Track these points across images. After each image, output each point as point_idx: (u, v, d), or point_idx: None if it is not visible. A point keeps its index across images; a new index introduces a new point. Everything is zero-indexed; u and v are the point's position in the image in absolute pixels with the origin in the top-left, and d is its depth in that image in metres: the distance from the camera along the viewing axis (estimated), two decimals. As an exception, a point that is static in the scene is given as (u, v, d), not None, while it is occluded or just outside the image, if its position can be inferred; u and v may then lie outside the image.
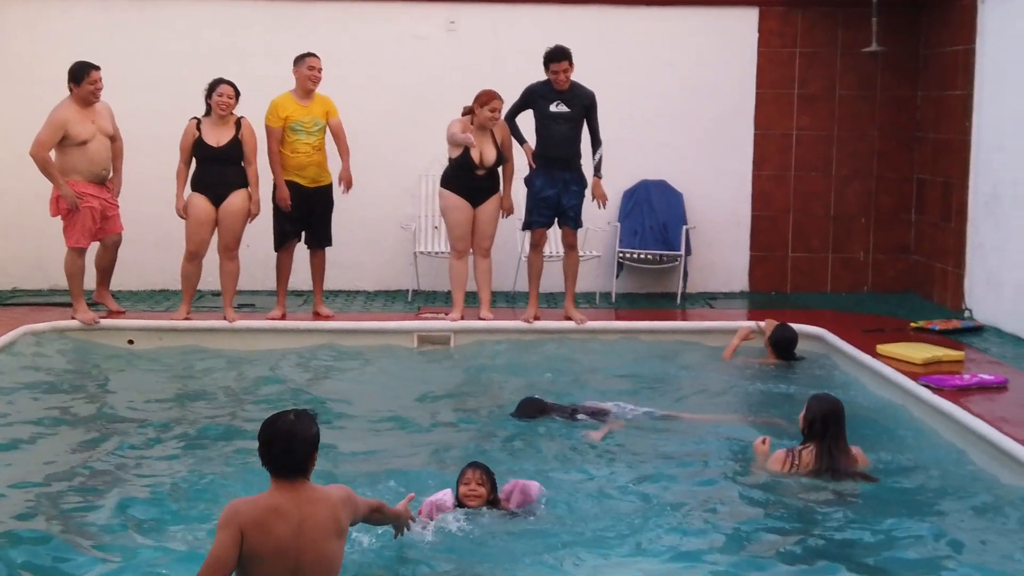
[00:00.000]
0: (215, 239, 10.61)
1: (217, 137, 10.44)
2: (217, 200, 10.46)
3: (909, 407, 8.51)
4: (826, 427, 6.84)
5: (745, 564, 5.84)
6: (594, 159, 10.56)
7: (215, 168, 10.44)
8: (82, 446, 7.74)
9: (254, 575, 4.73)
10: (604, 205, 10.71)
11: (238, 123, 10.50)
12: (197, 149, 10.44)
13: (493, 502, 6.31)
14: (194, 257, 10.63)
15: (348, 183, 10.79)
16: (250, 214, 10.54)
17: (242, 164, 10.53)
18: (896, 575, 5.73)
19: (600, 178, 10.61)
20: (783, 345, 9.80)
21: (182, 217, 10.55)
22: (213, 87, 10.43)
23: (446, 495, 6.27)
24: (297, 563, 4.74)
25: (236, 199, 10.46)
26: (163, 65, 12.26)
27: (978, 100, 11.29)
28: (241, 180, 10.51)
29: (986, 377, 8.66)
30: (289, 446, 4.76)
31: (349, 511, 4.99)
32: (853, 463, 6.91)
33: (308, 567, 4.76)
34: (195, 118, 10.51)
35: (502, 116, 10.55)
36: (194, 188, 10.51)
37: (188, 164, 10.51)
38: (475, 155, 10.54)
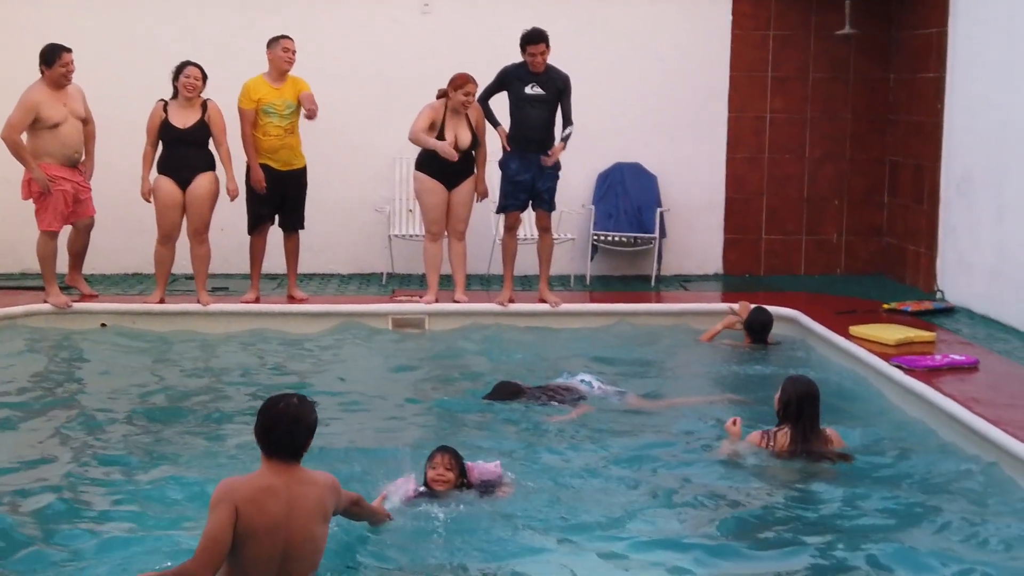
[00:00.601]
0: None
1: (183, 119, 10.39)
2: (183, 183, 10.41)
3: (881, 388, 8.57)
4: (801, 409, 6.87)
5: (719, 543, 5.87)
6: (563, 133, 10.51)
7: (181, 150, 10.39)
8: (53, 430, 7.71)
9: (247, 553, 4.77)
10: (550, 163, 10.52)
11: (204, 105, 10.45)
12: (163, 131, 10.39)
13: (461, 487, 6.30)
14: (166, 241, 10.59)
15: (311, 110, 10.41)
16: (229, 194, 10.48)
17: (209, 147, 10.49)
18: (870, 552, 5.76)
19: (563, 147, 10.53)
20: (757, 328, 9.84)
21: (147, 200, 10.50)
22: (180, 69, 10.38)
23: (408, 482, 6.26)
24: (287, 542, 4.81)
25: (202, 182, 10.41)
26: (135, 48, 12.19)
27: (950, 82, 11.34)
28: (207, 163, 10.46)
29: (957, 358, 8.72)
30: (292, 429, 4.87)
31: (334, 498, 5.08)
32: (827, 444, 6.95)
33: (297, 546, 4.83)
34: (162, 100, 10.46)
35: (476, 99, 10.55)
36: (160, 171, 10.45)
37: (155, 147, 10.45)
38: (449, 138, 10.52)
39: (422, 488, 6.27)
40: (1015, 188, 10.19)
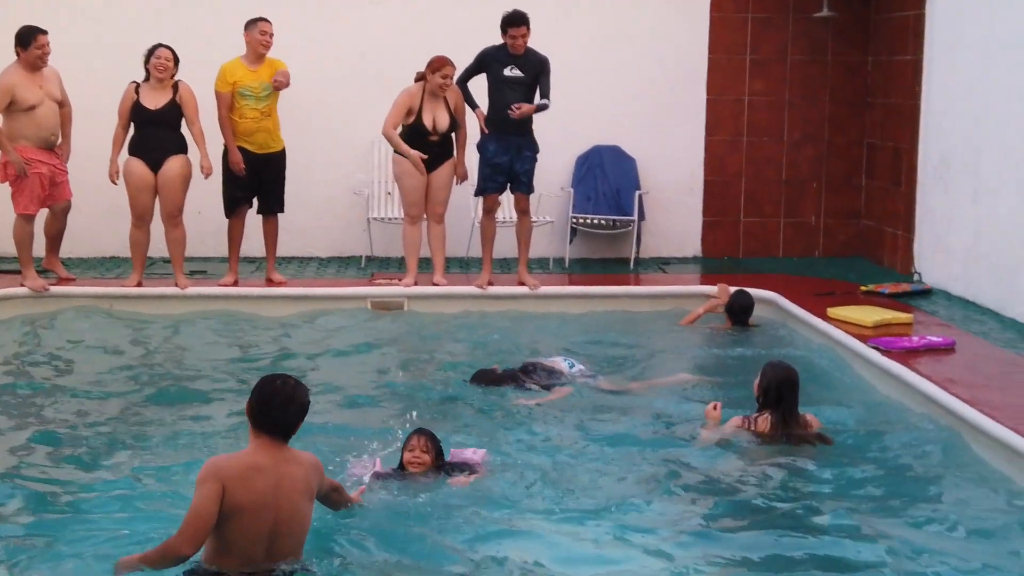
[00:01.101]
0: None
1: (155, 100, 10.35)
2: (155, 165, 10.35)
3: (859, 369, 8.61)
4: (781, 394, 6.88)
5: (699, 527, 5.87)
6: (538, 101, 10.42)
7: (152, 131, 10.34)
8: (30, 414, 7.69)
9: (234, 529, 4.81)
10: (517, 113, 10.34)
11: (176, 86, 10.41)
12: (135, 113, 10.34)
13: (438, 469, 6.30)
14: (140, 223, 10.54)
15: (281, 80, 10.35)
16: (203, 171, 10.42)
17: (181, 129, 10.44)
18: (850, 533, 5.80)
19: (533, 109, 10.35)
20: (739, 311, 9.86)
21: (113, 182, 10.46)
22: (151, 51, 10.35)
23: (373, 463, 6.26)
24: (275, 518, 4.86)
25: (173, 165, 10.36)
26: (112, 31, 12.13)
27: (928, 65, 11.37)
28: (179, 145, 10.42)
29: (934, 339, 8.76)
30: (285, 406, 4.94)
31: (318, 479, 5.15)
32: (807, 428, 6.96)
33: (285, 523, 4.89)
34: (134, 82, 10.42)
35: (454, 81, 10.53)
36: (131, 152, 10.41)
37: (126, 129, 10.41)
38: (427, 121, 10.51)
39: (397, 470, 6.27)
40: (992, 170, 10.23)
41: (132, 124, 10.39)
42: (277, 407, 4.93)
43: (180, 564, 4.85)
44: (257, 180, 10.66)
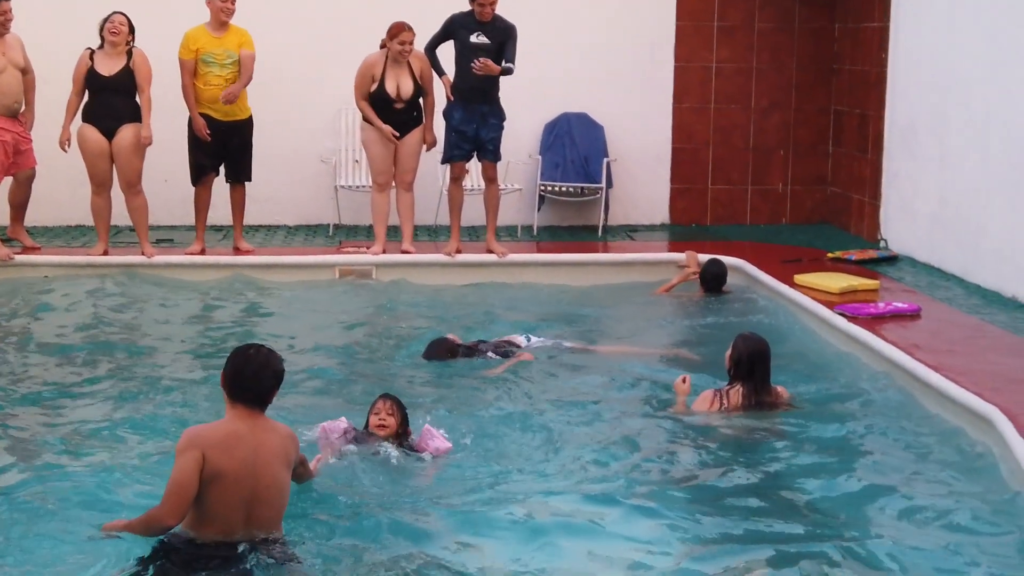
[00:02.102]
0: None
1: (109, 67, 10.27)
2: (108, 133, 10.28)
3: (825, 335, 8.66)
4: (752, 366, 6.88)
5: (669, 499, 5.83)
6: (504, 64, 10.37)
7: (105, 98, 10.27)
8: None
9: (215, 498, 4.80)
10: (479, 66, 10.25)
11: (130, 53, 10.32)
12: (89, 79, 10.27)
13: (402, 436, 6.28)
14: (100, 190, 10.47)
15: (228, 97, 10.39)
16: (142, 140, 10.31)
17: (134, 97, 10.36)
18: (819, 497, 5.86)
19: (497, 69, 10.28)
20: (711, 280, 9.89)
21: (64, 149, 10.38)
22: (107, 18, 10.29)
23: (340, 423, 6.25)
24: (254, 487, 4.85)
25: (126, 134, 10.28)
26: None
27: (894, 32, 11.40)
28: (133, 113, 10.34)
29: (900, 305, 8.82)
30: (259, 373, 4.94)
31: (295, 449, 5.14)
32: (778, 399, 6.98)
33: (263, 490, 4.88)
34: (89, 48, 10.35)
35: (420, 48, 10.48)
36: (85, 119, 10.34)
37: (80, 95, 10.34)
38: (390, 88, 10.47)
39: (363, 432, 6.27)
40: (957, 137, 10.28)
41: (86, 91, 10.31)
42: (251, 376, 4.93)
43: (164, 534, 4.85)
44: (223, 148, 10.60)
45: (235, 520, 4.86)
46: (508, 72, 10.36)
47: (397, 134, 10.48)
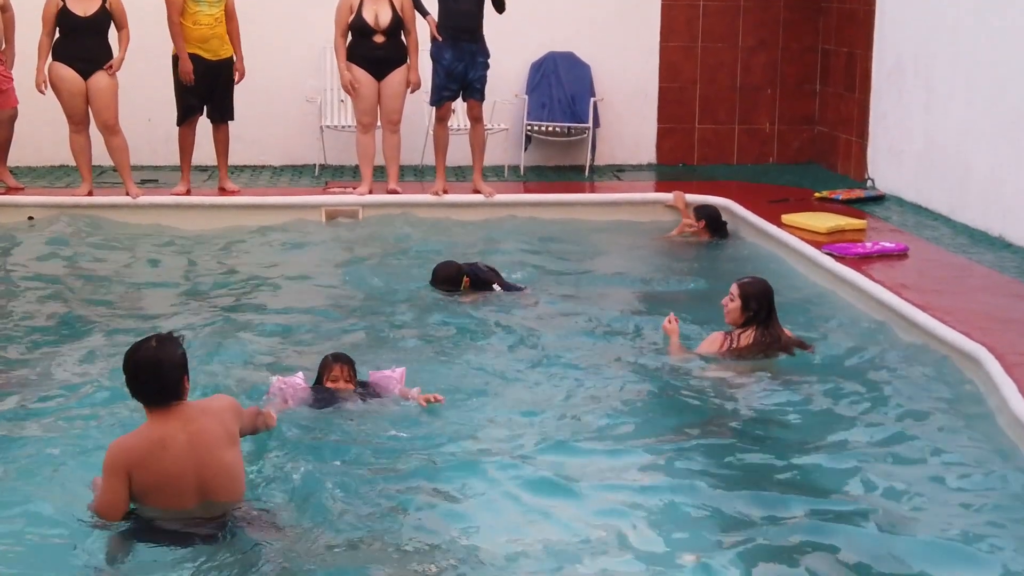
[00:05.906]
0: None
1: (84, 7, 10.14)
2: (84, 73, 10.17)
3: (813, 275, 8.67)
4: (761, 307, 6.86)
5: (673, 442, 5.80)
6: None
7: (80, 39, 10.15)
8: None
9: (162, 501, 4.68)
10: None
11: None
12: (62, 19, 10.11)
13: (359, 387, 6.19)
14: (79, 129, 10.37)
15: (241, 74, 10.55)
16: (108, 70, 10.19)
17: (109, 38, 10.24)
18: (814, 433, 5.91)
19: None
20: (711, 220, 9.91)
21: (41, 91, 10.26)
22: None
23: (297, 377, 6.14)
24: (199, 481, 4.69)
25: (101, 77, 10.17)
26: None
27: (883, -30, 11.35)
28: (106, 55, 10.23)
29: (887, 245, 8.84)
30: (156, 373, 4.65)
31: (236, 419, 4.89)
32: (789, 339, 6.95)
33: (211, 480, 4.70)
34: None
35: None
36: (57, 58, 10.19)
37: (51, 36, 10.19)
38: (368, 17, 10.35)
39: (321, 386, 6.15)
40: (944, 76, 10.25)
41: (59, 30, 10.17)
42: (147, 377, 4.64)
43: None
44: (210, 87, 10.51)
45: (190, 509, 4.70)
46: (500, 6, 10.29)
47: (358, 85, 10.37)
